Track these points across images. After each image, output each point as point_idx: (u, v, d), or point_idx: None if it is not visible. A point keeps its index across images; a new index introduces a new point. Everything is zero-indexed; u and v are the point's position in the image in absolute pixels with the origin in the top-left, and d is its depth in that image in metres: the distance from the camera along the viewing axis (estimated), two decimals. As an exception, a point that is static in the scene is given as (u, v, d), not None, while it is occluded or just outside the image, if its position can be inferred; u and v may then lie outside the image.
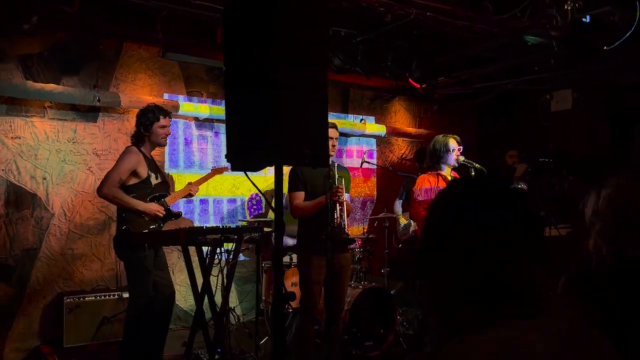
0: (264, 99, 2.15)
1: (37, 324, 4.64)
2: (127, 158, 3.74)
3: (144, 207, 3.74)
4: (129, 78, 5.17)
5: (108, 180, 3.68)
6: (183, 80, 5.51)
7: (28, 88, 4.49)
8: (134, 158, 3.75)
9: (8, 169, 4.56)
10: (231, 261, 3.76)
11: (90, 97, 4.74)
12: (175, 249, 5.30)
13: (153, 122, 3.79)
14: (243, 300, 5.70)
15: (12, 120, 4.59)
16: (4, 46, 4.53)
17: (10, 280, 4.56)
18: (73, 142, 4.87)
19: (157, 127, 3.81)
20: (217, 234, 3.47)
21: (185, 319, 5.39)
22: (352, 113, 6.76)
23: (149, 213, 3.76)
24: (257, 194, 6.01)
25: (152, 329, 3.86)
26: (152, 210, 3.76)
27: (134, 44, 5.16)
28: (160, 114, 3.82)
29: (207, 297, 3.62)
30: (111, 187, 3.67)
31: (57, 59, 4.78)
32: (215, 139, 5.73)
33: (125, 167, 3.72)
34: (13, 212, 4.58)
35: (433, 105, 7.42)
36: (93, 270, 4.91)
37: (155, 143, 3.89)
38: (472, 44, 5.16)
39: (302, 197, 3.70)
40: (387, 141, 7.12)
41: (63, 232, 4.81)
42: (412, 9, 4.07)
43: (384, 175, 6.96)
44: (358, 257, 4.92)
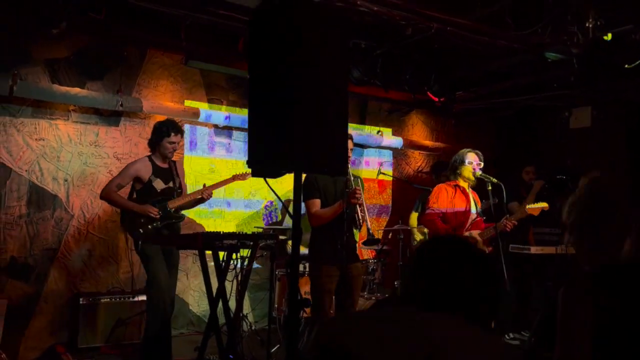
0: (286, 108, 2.19)
1: (53, 324, 4.70)
2: (132, 166, 4.17)
3: (137, 208, 4.06)
4: (151, 84, 5.26)
5: (108, 185, 4.14)
6: (204, 88, 5.59)
7: (54, 91, 4.60)
8: (137, 165, 4.15)
9: (31, 169, 4.66)
10: (246, 267, 3.80)
11: (113, 101, 4.83)
12: (191, 253, 5.35)
13: (163, 137, 4.13)
14: (255, 308, 5.72)
15: (37, 122, 4.69)
16: (32, 50, 4.65)
17: (29, 279, 4.63)
18: (95, 146, 4.96)
19: (166, 142, 4.14)
20: (233, 239, 3.51)
21: (197, 324, 5.43)
22: (369, 124, 6.79)
23: (142, 213, 4.02)
24: (272, 201, 6.06)
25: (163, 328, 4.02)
26: (144, 210, 4.03)
27: (157, 51, 5.26)
28: (172, 130, 4.14)
29: (222, 302, 3.65)
30: (108, 191, 4.08)
31: (82, 64, 4.89)
32: (233, 146, 5.79)
33: (126, 173, 4.14)
34: (34, 212, 4.67)
35: (451, 119, 7.42)
36: (109, 272, 4.98)
37: (163, 154, 4.20)
38: (492, 59, 5.18)
39: (319, 205, 3.72)
40: (403, 153, 7.14)
41: (82, 233, 4.89)
42: (433, 23, 4.10)
43: (400, 187, 6.97)
44: (372, 268, 4.92)
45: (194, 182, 5.49)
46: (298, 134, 2.18)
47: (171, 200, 4.18)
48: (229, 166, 5.74)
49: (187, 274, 5.44)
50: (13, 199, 4.58)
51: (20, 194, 4.62)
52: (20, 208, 4.62)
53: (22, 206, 4.63)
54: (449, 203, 4.14)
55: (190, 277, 5.46)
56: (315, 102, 2.23)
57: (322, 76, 2.28)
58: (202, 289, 5.44)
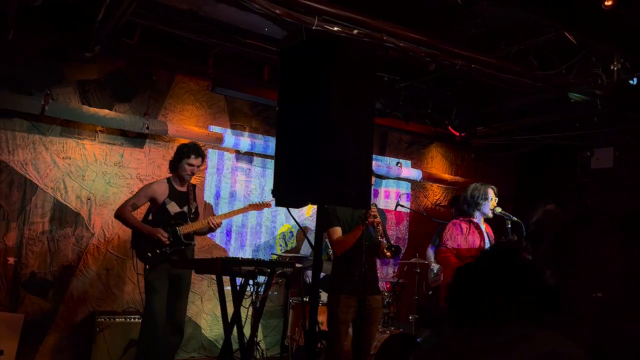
0: (313, 140, 2.23)
1: (68, 341, 4.72)
2: (148, 187, 4.21)
3: (148, 230, 4.05)
4: (177, 108, 5.38)
5: (123, 204, 4.15)
6: (228, 114, 5.70)
7: (83, 112, 4.72)
8: (154, 187, 4.19)
9: (56, 187, 4.76)
10: (262, 294, 3.80)
11: (140, 124, 4.94)
12: (207, 277, 5.37)
13: (183, 157, 4.13)
14: (268, 335, 5.69)
15: (65, 142, 4.81)
16: (65, 71, 4.80)
17: (47, 296, 4.68)
18: (119, 166, 5.05)
19: (185, 163, 4.14)
20: (251, 265, 3.53)
21: (209, 348, 5.41)
22: (389, 156, 6.82)
23: (152, 236, 4.01)
24: (289, 228, 6.08)
25: None
26: (154, 233, 4.00)
27: (184, 76, 5.39)
28: (193, 153, 4.14)
29: (237, 327, 3.65)
30: (122, 210, 4.10)
31: (112, 86, 5.03)
32: (253, 172, 5.86)
33: (141, 193, 4.17)
34: (56, 229, 4.75)
35: (471, 153, 7.42)
36: (126, 292, 5.01)
37: (180, 176, 4.20)
38: (514, 97, 5.21)
39: (340, 232, 3.72)
40: (422, 186, 7.14)
41: (101, 252, 4.94)
42: (458, 60, 4.15)
43: (417, 220, 6.94)
44: (387, 301, 4.88)
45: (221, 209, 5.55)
46: (323, 166, 2.21)
47: (183, 226, 4.12)
48: (248, 192, 5.80)
49: (202, 298, 5.45)
50: (37, 215, 4.67)
51: (44, 210, 4.71)
52: (44, 224, 4.70)
53: (46, 222, 4.71)
54: (463, 239, 4.11)
55: (204, 301, 5.46)
56: (341, 135, 2.27)
57: (349, 110, 2.32)
58: (215, 312, 5.44)
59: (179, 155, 4.16)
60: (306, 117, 2.27)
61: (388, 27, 3.85)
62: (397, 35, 3.87)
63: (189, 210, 4.22)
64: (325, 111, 2.23)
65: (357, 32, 3.73)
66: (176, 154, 4.19)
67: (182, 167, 4.15)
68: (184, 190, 4.24)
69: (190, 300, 5.19)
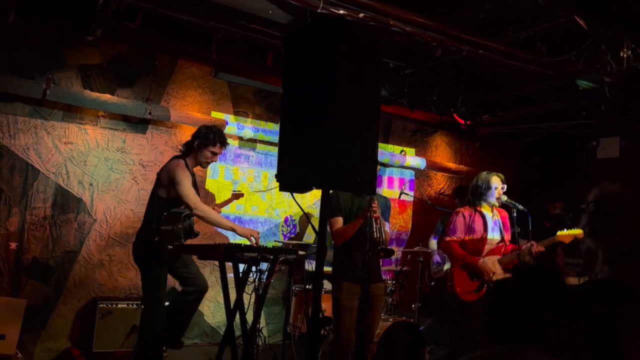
0: (318, 124, 2.19)
1: (70, 326, 4.73)
2: (184, 174, 3.76)
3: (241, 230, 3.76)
4: (179, 94, 5.33)
5: (193, 200, 3.71)
6: (231, 100, 5.64)
7: (85, 97, 4.67)
8: (187, 172, 3.80)
9: (58, 172, 4.73)
10: (265, 281, 3.77)
11: (142, 109, 4.89)
12: (209, 264, 5.35)
13: (208, 145, 3.84)
14: (270, 322, 5.68)
15: (67, 127, 4.77)
16: (67, 55, 4.75)
17: (49, 281, 4.67)
18: (121, 152, 5.02)
19: (208, 150, 3.86)
20: (254, 252, 3.50)
21: (212, 334, 5.41)
22: (392, 144, 6.77)
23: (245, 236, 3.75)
24: (291, 215, 6.05)
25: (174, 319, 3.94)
26: (249, 234, 3.74)
27: (187, 61, 5.33)
28: (219, 141, 3.86)
29: (239, 314, 3.63)
30: (201, 205, 3.74)
31: (114, 71, 4.98)
32: (256, 159, 5.81)
33: (188, 182, 3.76)
34: (58, 215, 4.73)
35: (475, 142, 7.36)
36: (127, 278, 5.00)
37: (199, 162, 3.93)
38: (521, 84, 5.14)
39: (341, 223, 3.71)
40: (425, 174, 7.09)
41: (103, 237, 4.92)
42: (465, 45, 4.09)
43: (420, 209, 6.91)
44: (390, 289, 4.86)
45: (216, 193, 5.52)
46: (328, 150, 2.17)
47: None
48: (251, 179, 5.76)
49: (204, 284, 5.43)
50: (39, 200, 4.65)
51: (46, 195, 4.68)
52: (45, 210, 4.67)
53: (47, 208, 4.68)
54: (466, 229, 4.09)
55: (206, 288, 5.44)
56: (346, 120, 2.23)
57: (355, 94, 2.27)
58: (217, 299, 5.43)
59: (203, 140, 3.83)
60: (311, 100, 2.22)
61: (395, 11, 3.78)
62: (403, 19, 3.80)
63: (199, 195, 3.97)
64: (331, 94, 2.18)
65: (363, 16, 3.66)
66: (199, 138, 3.84)
67: (203, 154, 3.86)
68: (192, 174, 3.97)
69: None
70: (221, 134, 3.92)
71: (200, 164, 3.94)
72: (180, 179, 3.73)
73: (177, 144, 5.18)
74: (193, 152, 3.89)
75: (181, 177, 3.73)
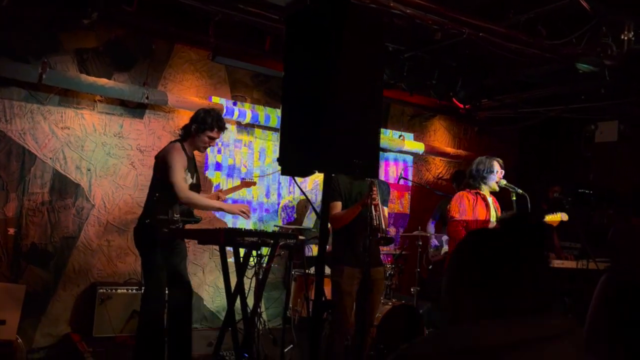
0: (320, 107, 2.17)
1: (69, 312, 4.73)
2: (179, 158, 3.72)
3: (228, 207, 3.80)
4: (177, 78, 5.28)
5: (180, 187, 3.66)
6: (229, 85, 5.60)
7: (81, 81, 4.62)
8: (182, 156, 3.75)
9: (56, 157, 4.70)
10: (265, 265, 3.78)
11: (139, 94, 4.85)
12: (208, 249, 5.35)
13: (206, 129, 3.77)
14: (270, 307, 5.71)
15: (64, 111, 4.73)
16: (63, 39, 4.69)
17: (48, 266, 4.67)
18: (119, 137, 4.98)
19: (206, 135, 3.79)
20: (254, 237, 3.50)
21: (211, 319, 5.43)
22: (391, 128, 6.75)
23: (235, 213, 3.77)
24: (289, 201, 6.04)
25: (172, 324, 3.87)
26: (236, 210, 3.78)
27: (185, 45, 5.28)
28: (217, 125, 3.78)
29: (240, 298, 3.64)
30: (186, 192, 3.68)
31: (111, 55, 4.92)
32: (255, 144, 5.79)
33: (181, 167, 3.70)
34: (56, 200, 4.70)
35: (474, 126, 7.35)
36: (127, 264, 4.99)
37: (196, 146, 3.87)
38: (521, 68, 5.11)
39: (340, 207, 3.71)
40: (424, 159, 7.08)
41: (102, 223, 4.91)
42: (465, 28, 4.05)
43: (419, 193, 6.91)
44: (389, 273, 4.88)
45: (217, 180, 5.51)
46: (330, 133, 2.15)
47: None
48: (250, 164, 5.74)
49: (203, 270, 5.45)
50: (36, 185, 4.62)
51: (43, 181, 4.65)
52: (43, 195, 4.65)
53: (45, 193, 4.66)
54: (470, 211, 4.09)
55: (206, 273, 5.46)
56: (349, 102, 2.21)
57: (357, 76, 2.25)
58: (217, 284, 5.45)
59: (201, 124, 3.76)
60: (313, 83, 2.20)
61: (395, -7, 3.74)
62: (404, 1, 3.76)
63: (197, 180, 3.97)
64: (333, 77, 2.16)
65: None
66: (197, 122, 3.78)
67: (200, 139, 3.79)
68: (191, 158, 3.94)
69: (192, 272, 5.20)
70: (219, 119, 3.84)
71: (198, 148, 3.88)
72: (172, 162, 3.68)
73: (175, 128, 5.14)
74: (191, 136, 3.83)
75: (173, 161, 3.68)
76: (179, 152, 3.75)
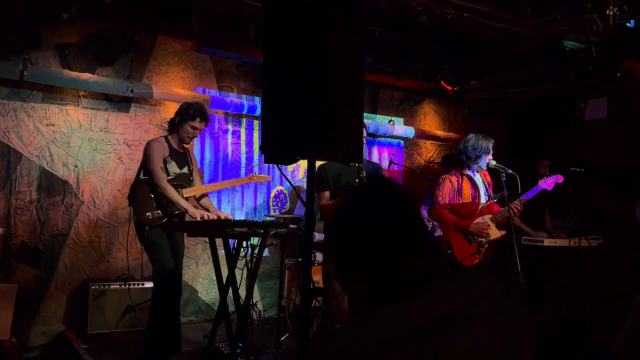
0: (302, 94, 2.14)
1: (63, 309, 4.71)
2: (153, 147, 3.88)
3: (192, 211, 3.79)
4: (161, 70, 5.22)
5: (157, 174, 3.82)
6: (215, 75, 5.54)
7: (64, 76, 4.56)
8: (158, 145, 3.90)
9: (42, 155, 4.64)
10: (256, 255, 3.77)
11: (124, 87, 4.79)
12: (201, 241, 5.33)
13: (188, 120, 3.89)
14: (265, 296, 5.71)
15: (48, 108, 4.67)
16: (43, 34, 4.62)
17: (39, 265, 4.63)
18: (105, 132, 4.93)
19: (189, 125, 3.91)
20: (244, 227, 3.48)
21: (206, 311, 5.42)
22: (380, 114, 6.72)
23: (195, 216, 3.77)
24: (281, 190, 6.02)
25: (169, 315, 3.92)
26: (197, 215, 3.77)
27: (168, 37, 5.21)
28: (198, 115, 3.90)
29: (232, 289, 3.63)
30: (162, 181, 3.81)
31: (93, 49, 4.85)
32: (245, 134, 5.75)
33: (156, 155, 3.85)
34: (44, 198, 4.66)
35: (463, 109, 7.32)
36: (119, 259, 4.97)
37: (181, 138, 3.99)
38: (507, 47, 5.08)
39: (328, 197, 3.70)
40: (415, 143, 7.06)
41: (92, 219, 4.87)
42: (450, 9, 4.02)
43: (410, 178, 6.90)
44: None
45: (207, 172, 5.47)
46: (313, 119, 2.12)
47: (186, 189, 4.00)
48: (238, 155, 5.71)
49: (197, 262, 5.43)
50: (23, 184, 4.57)
51: (30, 179, 4.60)
52: (31, 193, 4.61)
53: (33, 191, 4.61)
54: (455, 194, 4.08)
55: (199, 265, 5.44)
56: (330, 88, 2.18)
57: (338, 61, 2.21)
58: (212, 276, 5.43)
59: (183, 116, 3.89)
60: (293, 68, 2.16)
61: (377, -24, 3.70)
62: (386, -16, 3.72)
63: (189, 171, 4.07)
64: (314, 61, 2.12)
65: (344, -18, 3.56)
66: (180, 115, 3.91)
67: (184, 129, 3.91)
68: (181, 151, 4.06)
69: (186, 264, 5.18)
70: (202, 109, 3.95)
71: (182, 139, 3.98)
72: (149, 152, 3.87)
73: (162, 121, 5.11)
74: (175, 129, 3.96)
75: (150, 151, 3.87)
76: (157, 142, 3.92)
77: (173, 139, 3.99)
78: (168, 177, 3.90)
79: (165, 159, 3.90)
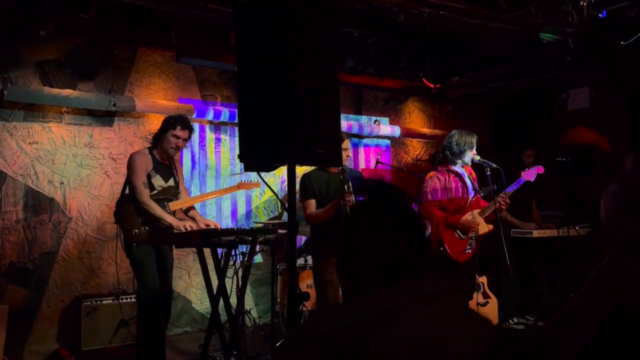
0: (277, 100, 2.15)
1: (56, 328, 4.69)
2: (136, 160, 3.86)
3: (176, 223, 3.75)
4: (143, 83, 5.21)
5: (138, 190, 3.80)
6: (197, 84, 5.54)
7: (45, 94, 4.55)
8: (141, 158, 3.87)
9: (26, 173, 4.62)
10: (246, 263, 3.77)
11: (106, 102, 4.78)
12: (191, 251, 5.32)
13: (169, 129, 3.87)
14: (259, 303, 5.70)
15: (30, 126, 4.65)
16: (22, 52, 4.60)
17: (29, 284, 4.61)
18: (89, 147, 4.92)
19: (170, 134, 3.87)
20: (231, 235, 3.48)
21: (201, 321, 5.41)
22: (366, 114, 6.74)
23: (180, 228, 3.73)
24: (270, 196, 6.02)
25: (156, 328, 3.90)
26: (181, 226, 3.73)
27: (148, 49, 5.21)
28: (179, 124, 3.87)
29: (222, 299, 3.63)
30: (143, 197, 3.79)
31: (73, 65, 4.84)
32: (226, 142, 5.75)
33: (139, 169, 3.82)
34: (31, 217, 4.64)
35: (447, 105, 7.36)
36: (110, 274, 4.95)
37: (164, 149, 3.94)
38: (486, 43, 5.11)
39: (314, 205, 3.72)
40: (401, 142, 7.09)
41: (80, 236, 4.85)
42: (426, 8, 4.04)
43: (398, 177, 6.92)
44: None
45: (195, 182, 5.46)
46: (290, 125, 2.13)
47: (173, 202, 3.98)
48: (225, 163, 5.71)
49: (189, 272, 5.42)
50: (9, 204, 4.55)
51: (16, 198, 4.58)
52: (17, 213, 4.58)
53: (19, 211, 4.59)
54: (443, 191, 4.10)
55: (191, 275, 5.43)
56: (306, 92, 2.19)
57: (312, 65, 2.23)
58: (204, 286, 5.41)
59: (164, 127, 3.89)
60: (267, 74, 2.17)
61: (350, -22, 3.72)
62: (360, -15, 3.74)
63: (175, 184, 4.05)
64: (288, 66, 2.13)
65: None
66: (162, 125, 3.92)
67: (166, 140, 3.87)
68: (166, 163, 4.03)
69: (178, 275, 5.17)
70: (182, 118, 3.93)
71: (167, 151, 3.94)
72: (131, 165, 3.85)
73: (146, 133, 5.10)
74: (159, 141, 3.94)
75: (133, 164, 3.84)
76: (140, 154, 3.90)
77: (157, 151, 3.97)
78: (153, 191, 3.89)
79: (149, 172, 3.87)
